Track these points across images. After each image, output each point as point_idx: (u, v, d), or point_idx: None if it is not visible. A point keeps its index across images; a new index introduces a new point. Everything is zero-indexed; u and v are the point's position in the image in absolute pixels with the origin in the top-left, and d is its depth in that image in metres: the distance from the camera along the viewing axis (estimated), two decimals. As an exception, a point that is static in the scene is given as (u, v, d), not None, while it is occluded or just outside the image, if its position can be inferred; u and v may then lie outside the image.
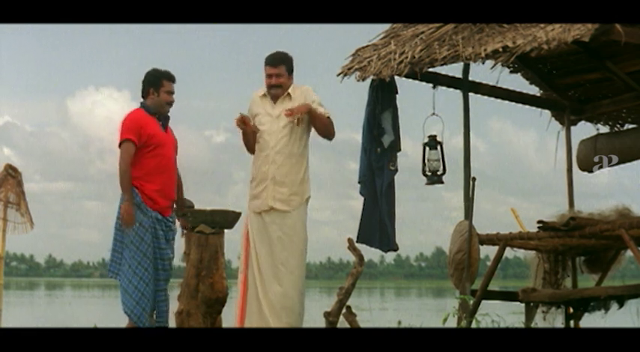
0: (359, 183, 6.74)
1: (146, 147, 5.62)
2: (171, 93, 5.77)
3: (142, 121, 5.64)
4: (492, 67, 6.28)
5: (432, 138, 6.95)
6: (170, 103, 5.78)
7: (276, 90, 5.95)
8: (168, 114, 5.83)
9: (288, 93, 5.97)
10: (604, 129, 8.40)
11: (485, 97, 7.54)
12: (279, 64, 5.95)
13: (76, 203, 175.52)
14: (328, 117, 5.92)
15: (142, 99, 5.81)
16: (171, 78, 5.79)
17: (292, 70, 6.03)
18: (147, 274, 5.53)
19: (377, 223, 6.60)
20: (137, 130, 5.59)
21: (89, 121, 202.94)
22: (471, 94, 7.27)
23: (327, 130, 5.94)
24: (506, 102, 7.78)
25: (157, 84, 5.73)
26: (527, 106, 8.05)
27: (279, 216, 5.83)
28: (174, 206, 5.91)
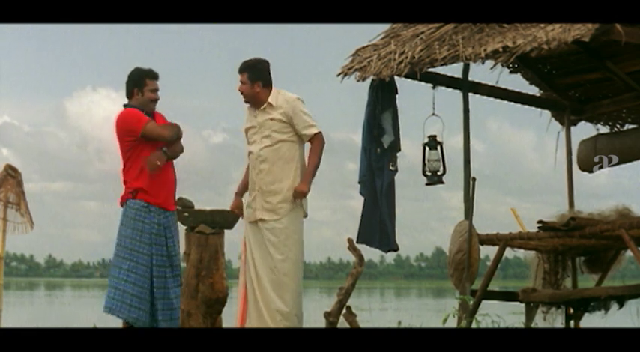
0: (359, 183, 6.74)
1: (148, 142, 5.62)
2: (156, 90, 5.75)
3: (141, 115, 5.65)
4: (492, 67, 6.29)
5: (432, 138, 6.95)
6: (155, 101, 5.76)
7: (243, 98, 5.88)
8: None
9: (269, 103, 5.81)
10: (604, 129, 8.40)
11: (483, 97, 7.54)
12: (242, 71, 5.85)
13: (76, 203, 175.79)
14: (318, 134, 5.79)
15: (126, 101, 5.80)
16: (154, 76, 5.76)
17: (258, 78, 5.82)
18: (138, 269, 5.51)
19: (377, 223, 6.60)
20: (140, 120, 5.61)
21: (87, 121, 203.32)
22: (470, 94, 7.27)
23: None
24: (504, 102, 7.78)
25: (140, 83, 5.71)
26: (525, 106, 8.05)
27: (270, 224, 5.74)
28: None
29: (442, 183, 6.97)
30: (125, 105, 5.75)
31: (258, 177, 5.79)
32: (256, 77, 5.82)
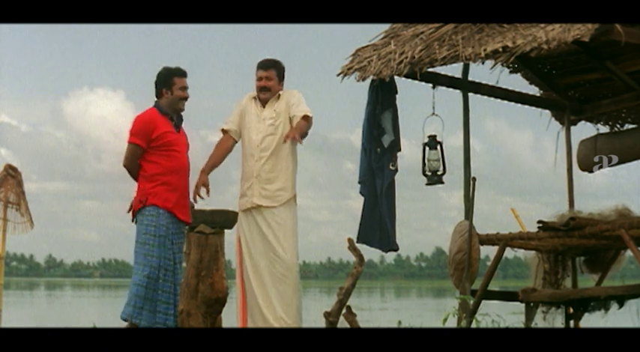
0: (359, 183, 6.74)
1: (159, 147, 5.61)
2: (185, 88, 5.78)
3: (153, 123, 5.64)
4: (492, 67, 6.29)
5: (432, 138, 6.94)
6: (185, 99, 5.79)
7: (265, 93, 6.00)
8: (182, 113, 5.82)
9: (278, 95, 6.01)
10: (604, 129, 8.40)
11: (480, 97, 7.53)
12: (270, 68, 6.03)
13: (74, 203, 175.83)
14: (306, 117, 5.88)
15: (155, 100, 5.81)
16: (182, 73, 5.79)
17: (283, 77, 6.08)
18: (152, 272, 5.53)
19: (377, 223, 6.60)
20: (146, 134, 5.59)
21: (84, 121, 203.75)
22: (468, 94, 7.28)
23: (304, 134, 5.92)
24: (501, 101, 7.76)
25: (168, 83, 5.73)
26: (522, 106, 8.04)
27: (267, 211, 5.86)
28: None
29: (442, 183, 6.97)
30: (155, 104, 5.75)
31: (257, 164, 5.90)
32: (282, 76, 6.07)
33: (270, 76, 6.00)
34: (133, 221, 5.67)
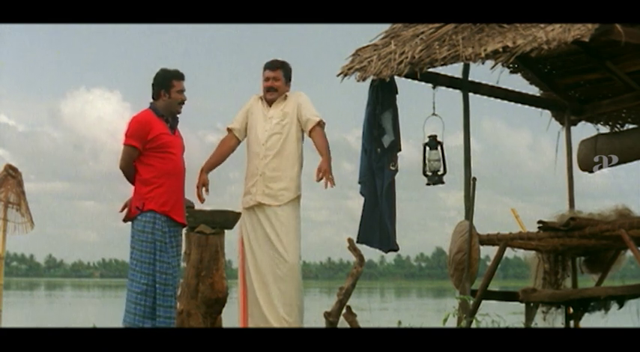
0: (359, 183, 6.73)
1: (155, 149, 5.57)
2: (183, 91, 5.74)
3: (148, 124, 5.59)
4: (492, 67, 6.28)
5: (433, 138, 6.94)
6: (182, 102, 5.76)
7: (272, 94, 6.07)
8: (178, 115, 5.79)
9: (285, 96, 6.09)
10: (604, 129, 8.40)
11: (481, 97, 7.53)
12: (277, 68, 6.10)
13: (73, 203, 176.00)
14: (320, 123, 5.96)
15: (151, 101, 5.77)
16: (180, 76, 5.75)
17: (289, 78, 6.15)
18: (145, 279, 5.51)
19: (377, 223, 6.60)
20: (142, 136, 5.54)
21: (81, 122, 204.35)
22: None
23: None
24: (498, 101, 7.75)
25: (167, 85, 5.68)
26: (522, 106, 8.03)
27: (270, 210, 5.89)
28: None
29: (442, 183, 6.97)
30: (150, 105, 5.72)
31: (262, 163, 5.94)
32: (289, 77, 6.14)
33: (278, 77, 6.07)
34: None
